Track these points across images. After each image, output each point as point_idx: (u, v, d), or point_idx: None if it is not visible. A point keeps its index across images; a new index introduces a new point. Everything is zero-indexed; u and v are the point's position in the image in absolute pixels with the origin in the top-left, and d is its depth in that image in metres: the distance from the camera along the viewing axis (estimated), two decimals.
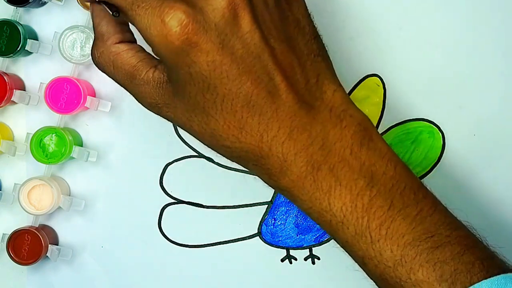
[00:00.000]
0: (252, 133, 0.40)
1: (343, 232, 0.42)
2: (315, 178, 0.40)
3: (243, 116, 0.40)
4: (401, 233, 0.40)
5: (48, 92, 0.54)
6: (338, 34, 0.56)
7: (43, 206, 0.55)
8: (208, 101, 0.40)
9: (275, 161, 0.40)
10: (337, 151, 0.40)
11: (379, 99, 0.57)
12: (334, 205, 0.41)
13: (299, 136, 0.40)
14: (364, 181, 0.40)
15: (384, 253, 0.41)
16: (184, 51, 0.39)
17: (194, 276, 0.58)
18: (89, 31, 0.54)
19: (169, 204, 0.58)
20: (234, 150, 0.42)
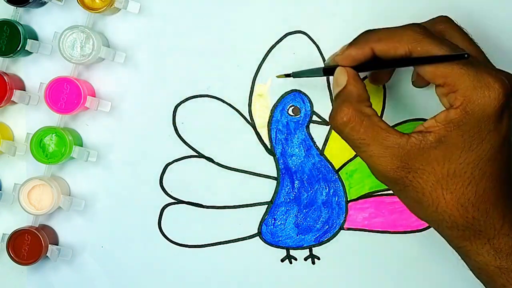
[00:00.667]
0: (501, 208, 0.46)
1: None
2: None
3: (498, 194, 0.45)
4: None
5: (48, 92, 0.54)
6: (338, 34, 0.56)
7: (43, 206, 0.55)
8: (474, 169, 0.44)
9: (508, 242, 0.46)
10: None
11: (379, 99, 0.57)
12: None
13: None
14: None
15: None
16: (496, 118, 0.44)
17: (194, 276, 0.58)
18: (89, 31, 0.54)
19: (169, 204, 0.58)
20: (477, 224, 0.45)
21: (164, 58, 0.57)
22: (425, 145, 0.45)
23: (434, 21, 0.49)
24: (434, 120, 0.45)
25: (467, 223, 0.45)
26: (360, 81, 0.48)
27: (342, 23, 0.56)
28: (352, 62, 0.48)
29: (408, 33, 0.45)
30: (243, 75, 0.57)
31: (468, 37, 0.48)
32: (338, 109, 0.47)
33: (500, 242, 0.45)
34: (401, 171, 0.45)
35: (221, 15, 0.57)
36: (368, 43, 0.47)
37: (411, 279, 0.57)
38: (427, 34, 0.45)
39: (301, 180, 0.57)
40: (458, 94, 0.44)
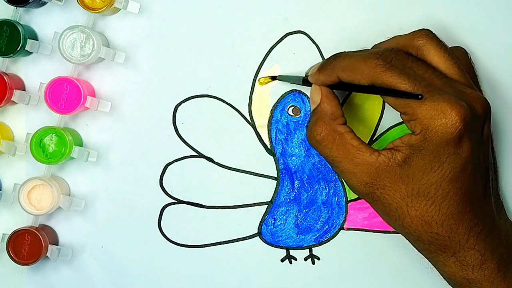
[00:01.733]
0: (465, 224, 0.47)
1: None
2: (505, 274, 0.48)
3: (462, 211, 0.47)
4: None
5: (48, 92, 0.54)
6: (338, 34, 0.56)
7: (43, 206, 0.55)
8: (437, 190, 0.46)
9: (473, 255, 0.47)
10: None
11: (379, 100, 0.57)
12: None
13: (495, 236, 0.48)
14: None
15: None
16: (455, 143, 0.45)
17: (194, 276, 0.58)
18: (89, 31, 0.54)
19: (169, 204, 0.58)
20: (441, 239, 0.47)
21: (164, 58, 0.57)
22: (393, 163, 0.47)
23: (414, 35, 0.50)
24: (400, 141, 0.47)
25: (431, 238, 0.47)
26: (334, 98, 0.50)
27: (342, 23, 0.56)
28: (323, 84, 0.51)
29: (370, 65, 0.47)
30: (243, 75, 0.57)
31: (446, 53, 0.49)
32: (312, 127, 0.50)
33: (466, 255, 0.47)
34: (370, 187, 0.48)
35: (221, 15, 0.57)
36: (334, 71, 0.49)
37: (411, 279, 0.57)
38: (387, 67, 0.46)
39: (301, 180, 0.57)
40: (417, 122, 0.46)
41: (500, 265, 0.48)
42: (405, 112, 0.47)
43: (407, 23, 0.56)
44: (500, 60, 0.56)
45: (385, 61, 0.47)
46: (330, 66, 0.50)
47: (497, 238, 0.48)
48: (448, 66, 0.49)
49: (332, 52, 0.56)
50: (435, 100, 0.45)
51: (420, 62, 0.48)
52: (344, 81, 0.49)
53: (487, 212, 0.49)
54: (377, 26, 0.56)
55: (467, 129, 0.45)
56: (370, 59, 0.47)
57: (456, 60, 0.49)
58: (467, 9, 0.56)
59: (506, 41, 0.56)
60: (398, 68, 0.46)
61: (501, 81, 0.56)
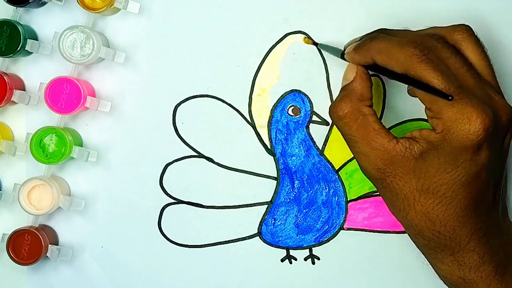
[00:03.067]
0: (469, 227, 0.47)
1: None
2: (502, 277, 0.48)
3: (468, 215, 0.47)
4: None
5: (48, 92, 0.54)
6: (338, 34, 0.56)
7: (43, 206, 0.55)
8: (447, 191, 0.46)
9: (472, 257, 0.47)
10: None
11: (379, 99, 0.57)
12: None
13: (496, 241, 0.48)
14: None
15: None
16: (474, 150, 0.45)
17: (194, 276, 0.58)
18: (89, 31, 0.54)
19: (169, 204, 0.58)
20: (442, 238, 0.47)
21: (164, 58, 0.57)
22: (409, 155, 0.46)
23: (455, 28, 0.49)
24: (420, 134, 0.47)
25: (432, 235, 0.47)
26: (367, 80, 0.50)
27: (342, 23, 0.56)
28: (358, 64, 0.50)
29: (406, 53, 0.46)
30: (243, 75, 0.57)
31: (483, 53, 0.49)
32: (338, 102, 0.49)
33: (464, 256, 0.48)
34: (382, 173, 0.48)
35: (221, 15, 0.57)
36: (370, 52, 0.48)
37: (411, 279, 0.57)
38: (423, 58, 0.46)
39: (301, 180, 0.57)
40: (440, 122, 0.46)
41: (498, 268, 0.48)
42: (431, 109, 0.46)
43: (407, 23, 0.56)
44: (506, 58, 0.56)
45: (422, 52, 0.46)
46: (366, 47, 0.49)
47: (498, 242, 0.48)
48: (483, 66, 0.48)
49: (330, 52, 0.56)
50: (463, 103, 0.45)
51: (459, 56, 0.47)
52: (379, 63, 0.48)
53: (493, 218, 0.49)
54: (377, 26, 0.56)
55: (488, 138, 0.45)
56: (407, 46, 0.46)
57: (491, 62, 0.49)
58: (468, 9, 0.56)
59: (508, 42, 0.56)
60: (434, 61, 0.46)
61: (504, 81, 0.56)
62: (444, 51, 0.47)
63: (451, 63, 0.46)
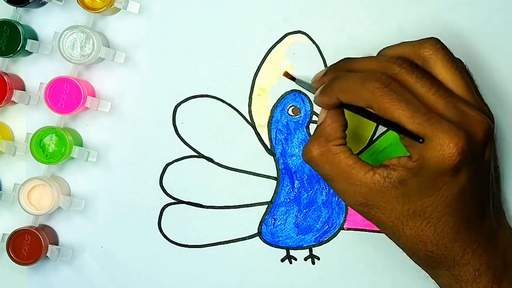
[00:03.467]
0: (461, 242, 0.47)
1: None
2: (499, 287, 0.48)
3: (458, 231, 0.47)
4: None
5: (48, 92, 0.54)
6: (338, 34, 0.56)
7: (43, 206, 0.55)
8: (433, 212, 0.46)
9: (468, 270, 0.47)
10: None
11: None
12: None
13: (491, 250, 0.48)
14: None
15: None
16: (452, 173, 0.45)
17: (194, 276, 0.58)
18: (89, 31, 0.54)
19: (169, 204, 0.58)
20: (436, 256, 0.47)
21: (164, 58, 0.57)
22: (388, 184, 0.46)
23: (421, 44, 0.48)
24: (398, 161, 0.46)
25: (426, 255, 0.48)
26: (338, 119, 0.49)
27: (342, 23, 0.56)
28: (327, 107, 0.49)
29: (368, 89, 0.45)
30: (243, 75, 0.57)
31: (453, 66, 0.47)
32: (308, 144, 0.49)
33: (460, 270, 0.48)
34: (365, 207, 0.47)
35: (221, 15, 0.57)
36: (334, 93, 0.48)
37: (411, 279, 0.57)
38: (385, 91, 0.44)
39: (301, 180, 0.57)
40: (414, 150, 0.45)
41: (494, 278, 0.48)
42: (404, 139, 0.46)
43: (408, 23, 0.56)
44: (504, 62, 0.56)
45: (383, 84, 0.45)
46: (330, 88, 0.48)
47: (493, 252, 0.48)
48: (455, 81, 0.47)
49: (332, 52, 0.56)
50: (434, 130, 0.44)
51: (425, 78, 0.46)
52: (345, 103, 0.47)
53: (486, 228, 0.48)
54: (377, 26, 0.56)
55: (465, 159, 0.44)
56: (369, 81, 0.45)
57: (463, 75, 0.47)
58: (469, 9, 0.56)
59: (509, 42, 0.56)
60: (397, 92, 0.45)
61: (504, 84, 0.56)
62: (408, 77, 0.45)
63: (417, 88, 0.45)
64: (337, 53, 0.56)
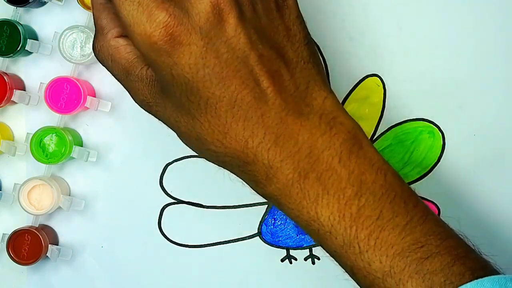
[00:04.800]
0: (237, 139, 0.40)
1: (331, 242, 0.41)
2: (301, 186, 0.40)
3: (227, 121, 0.40)
4: (390, 244, 0.39)
5: (48, 92, 0.54)
6: (338, 34, 0.56)
7: (43, 206, 0.55)
8: (193, 104, 0.40)
9: (260, 168, 0.40)
10: (325, 159, 0.39)
11: (379, 99, 0.57)
12: (322, 214, 0.40)
13: (286, 143, 0.40)
14: (352, 190, 0.39)
15: (373, 264, 0.40)
16: (166, 52, 0.39)
17: (194, 276, 0.58)
18: (89, 31, 0.54)
19: (169, 204, 0.58)
20: (220, 154, 0.42)
21: None
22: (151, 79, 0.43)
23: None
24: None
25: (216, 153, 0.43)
26: (104, 9, 0.43)
27: (342, 23, 0.56)
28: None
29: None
30: None
31: None
32: (93, 43, 0.44)
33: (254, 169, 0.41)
34: (147, 106, 0.44)
35: None
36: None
37: None
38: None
39: None
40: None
41: (296, 175, 0.40)
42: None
43: (407, 22, 0.56)
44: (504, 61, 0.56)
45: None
46: None
47: (293, 145, 0.40)
48: None
49: (332, 52, 0.56)
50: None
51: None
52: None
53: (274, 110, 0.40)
54: (377, 26, 0.56)
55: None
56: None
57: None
58: (469, 9, 0.56)
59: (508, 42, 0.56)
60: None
61: None
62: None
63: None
64: (337, 53, 0.56)
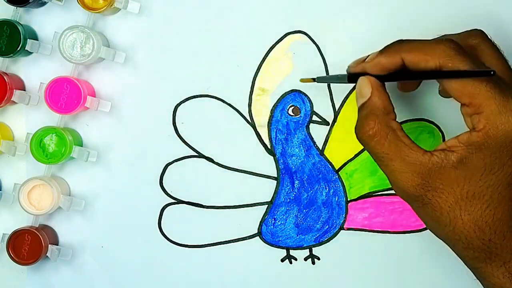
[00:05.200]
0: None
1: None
2: None
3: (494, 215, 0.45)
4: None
5: (48, 92, 0.54)
6: (338, 34, 0.56)
7: (43, 206, 0.55)
8: (494, 193, 0.44)
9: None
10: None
11: None
12: None
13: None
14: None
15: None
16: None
17: (194, 276, 0.58)
18: (89, 31, 0.54)
19: (169, 204, 0.58)
20: (493, 246, 0.45)
21: (164, 58, 0.57)
22: (446, 164, 0.45)
23: (468, 34, 0.48)
24: (457, 140, 0.45)
25: (483, 245, 0.45)
26: (385, 92, 0.48)
27: (342, 23, 0.56)
28: (381, 70, 0.48)
29: (441, 47, 0.45)
30: (243, 75, 0.57)
31: (501, 55, 0.48)
32: (364, 121, 0.47)
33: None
34: (421, 189, 0.45)
35: (221, 15, 0.57)
36: (399, 52, 0.47)
37: (411, 279, 0.57)
38: (460, 50, 0.45)
39: (301, 180, 0.57)
40: (482, 117, 0.44)
41: None
42: (471, 103, 0.44)
43: (407, 22, 0.56)
44: None
45: (458, 45, 0.45)
46: (395, 48, 0.47)
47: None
48: (502, 69, 0.47)
49: (332, 53, 0.56)
50: (505, 95, 0.43)
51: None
52: (408, 64, 0.46)
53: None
54: (377, 26, 0.56)
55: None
56: (443, 41, 0.45)
57: (508, 63, 0.48)
58: (469, 9, 0.56)
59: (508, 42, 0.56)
60: (470, 55, 0.45)
61: None
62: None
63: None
64: (337, 53, 0.56)
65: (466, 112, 0.45)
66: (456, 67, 0.44)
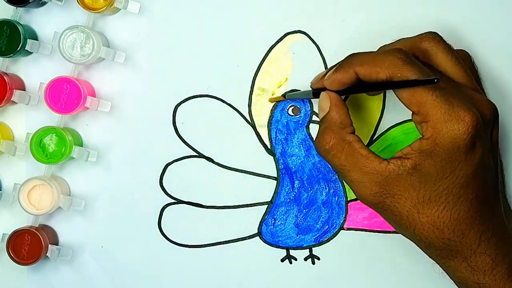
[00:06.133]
0: (476, 229, 0.47)
1: None
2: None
3: (473, 216, 0.46)
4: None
5: (48, 92, 0.54)
6: (339, 34, 0.56)
7: (43, 206, 0.55)
8: (448, 196, 0.46)
9: (485, 260, 0.47)
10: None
11: (379, 99, 0.57)
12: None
13: (505, 240, 0.48)
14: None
15: None
16: (467, 149, 0.45)
17: (194, 276, 0.58)
18: (89, 31, 0.54)
19: (169, 204, 0.58)
20: (453, 244, 0.47)
21: (164, 58, 0.57)
22: (402, 171, 0.46)
23: (421, 37, 0.50)
24: (410, 148, 0.46)
25: (443, 244, 0.47)
26: (343, 106, 0.50)
27: (342, 23, 0.56)
28: (339, 86, 0.49)
29: (389, 58, 0.46)
30: (243, 75, 0.57)
31: (454, 56, 0.49)
32: (321, 135, 0.49)
33: (477, 260, 0.47)
34: (379, 196, 0.47)
35: (221, 15, 0.57)
36: (352, 66, 0.48)
37: (411, 279, 0.57)
38: (407, 60, 0.46)
39: (301, 180, 0.57)
40: (429, 125, 0.45)
41: (511, 270, 0.47)
42: (418, 112, 0.46)
43: (407, 22, 0.56)
44: (503, 61, 0.56)
45: (406, 55, 0.46)
46: (348, 62, 0.49)
47: (507, 243, 0.48)
48: (455, 70, 0.49)
49: (332, 52, 0.56)
50: (449, 103, 0.45)
51: (428, 66, 0.48)
52: (361, 77, 0.48)
53: (497, 215, 0.48)
54: (377, 26, 0.56)
55: (479, 135, 0.45)
56: (392, 53, 0.47)
57: (463, 64, 0.49)
58: (468, 9, 0.56)
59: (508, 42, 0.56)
60: (418, 64, 0.46)
61: (504, 82, 0.56)
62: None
63: None
64: (337, 53, 0.56)
65: (416, 120, 0.47)
66: (404, 76, 0.45)
